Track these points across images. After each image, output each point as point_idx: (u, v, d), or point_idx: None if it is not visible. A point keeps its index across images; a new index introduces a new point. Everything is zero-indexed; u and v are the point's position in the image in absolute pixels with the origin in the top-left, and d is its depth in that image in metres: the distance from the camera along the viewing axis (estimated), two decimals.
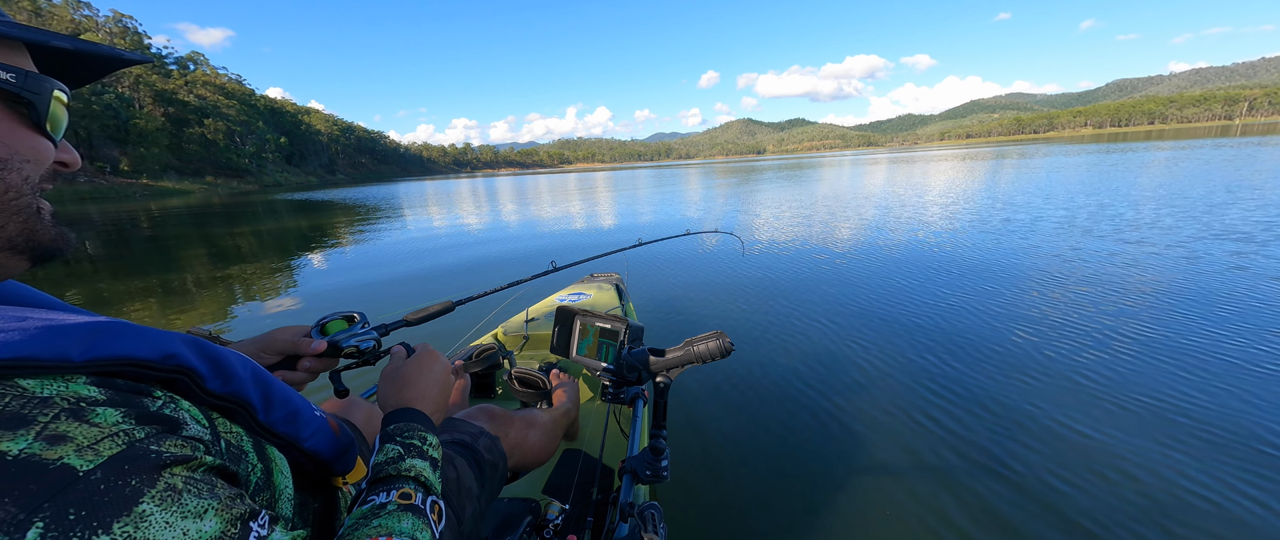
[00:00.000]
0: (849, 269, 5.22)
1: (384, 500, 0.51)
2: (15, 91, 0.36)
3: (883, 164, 35.84)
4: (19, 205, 0.37)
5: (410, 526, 0.49)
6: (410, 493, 0.53)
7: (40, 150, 0.39)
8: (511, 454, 1.00)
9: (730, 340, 0.91)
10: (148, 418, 0.34)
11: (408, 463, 0.57)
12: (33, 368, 0.30)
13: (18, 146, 0.37)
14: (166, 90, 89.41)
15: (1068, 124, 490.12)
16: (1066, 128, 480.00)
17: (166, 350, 0.38)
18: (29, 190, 0.38)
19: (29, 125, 0.38)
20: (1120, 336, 3.10)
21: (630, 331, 1.06)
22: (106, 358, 0.34)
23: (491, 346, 1.83)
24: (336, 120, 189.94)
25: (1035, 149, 46.92)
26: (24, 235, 0.39)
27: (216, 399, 0.42)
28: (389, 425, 0.62)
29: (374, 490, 0.53)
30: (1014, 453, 2.05)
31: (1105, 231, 6.28)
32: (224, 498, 0.34)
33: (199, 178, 79.25)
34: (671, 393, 0.99)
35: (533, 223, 11.96)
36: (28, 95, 0.37)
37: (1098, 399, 2.42)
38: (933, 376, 2.73)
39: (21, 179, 0.37)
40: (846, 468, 2.04)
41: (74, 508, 0.26)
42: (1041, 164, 21.31)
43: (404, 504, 0.51)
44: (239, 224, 15.51)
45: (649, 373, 1.00)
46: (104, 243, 11.76)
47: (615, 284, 2.92)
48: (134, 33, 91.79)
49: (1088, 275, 4.45)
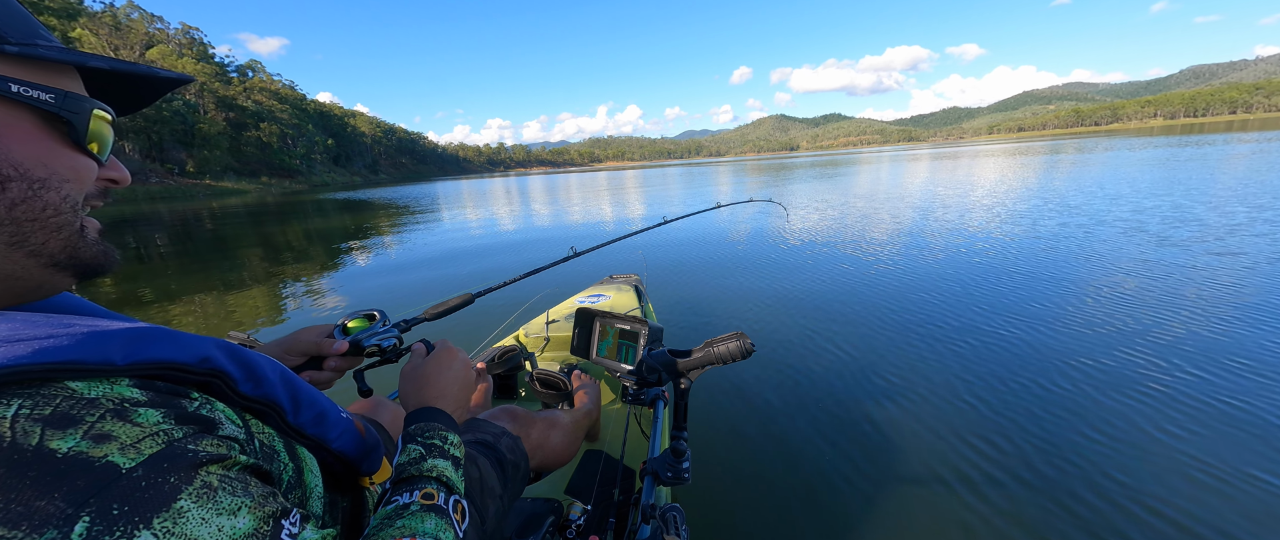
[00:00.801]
0: (881, 274, 5.02)
1: (407, 501, 0.52)
2: (54, 111, 0.38)
3: (924, 160, 34.36)
4: (59, 223, 0.39)
5: (433, 526, 0.50)
6: (433, 493, 0.54)
7: (81, 169, 0.41)
8: (534, 455, 1.02)
9: (751, 342, 0.91)
10: (186, 418, 0.35)
11: (429, 463, 0.58)
12: (80, 371, 0.32)
13: (57, 166, 0.39)
14: (227, 96, 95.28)
15: (1134, 115, 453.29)
16: (1133, 119, 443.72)
17: (201, 354, 0.40)
18: (69, 208, 0.39)
19: (69, 144, 0.39)
20: (1215, 384, 2.42)
21: (650, 333, 1.07)
22: (147, 361, 0.36)
23: (513, 348, 1.85)
24: (379, 122, 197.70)
25: (1096, 142, 42.63)
26: (66, 253, 0.40)
27: (248, 401, 0.44)
28: (410, 425, 0.64)
29: (397, 491, 0.55)
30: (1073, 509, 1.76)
31: (1184, 239, 5.34)
32: (257, 496, 0.36)
33: (255, 178, 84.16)
34: (692, 394, 0.99)
35: (560, 217, 12.12)
36: (66, 115, 0.38)
37: (1183, 468, 1.90)
38: (966, 396, 2.59)
39: (61, 198, 0.39)
40: (874, 478, 1.98)
41: (117, 503, 0.28)
42: (1103, 159, 19.62)
43: (427, 504, 0.52)
44: (290, 222, 16.40)
45: (669, 374, 1.01)
46: (173, 240, 12.68)
47: (635, 285, 2.92)
48: (200, 43, 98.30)
49: (1165, 294, 3.71)
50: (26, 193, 0.36)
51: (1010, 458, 2.03)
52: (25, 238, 0.37)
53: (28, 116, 0.37)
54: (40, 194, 0.37)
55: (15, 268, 0.37)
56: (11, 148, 0.36)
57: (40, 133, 0.38)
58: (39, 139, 0.38)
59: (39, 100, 0.37)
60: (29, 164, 0.37)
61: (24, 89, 0.36)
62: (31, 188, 0.37)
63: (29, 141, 0.37)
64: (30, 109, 0.37)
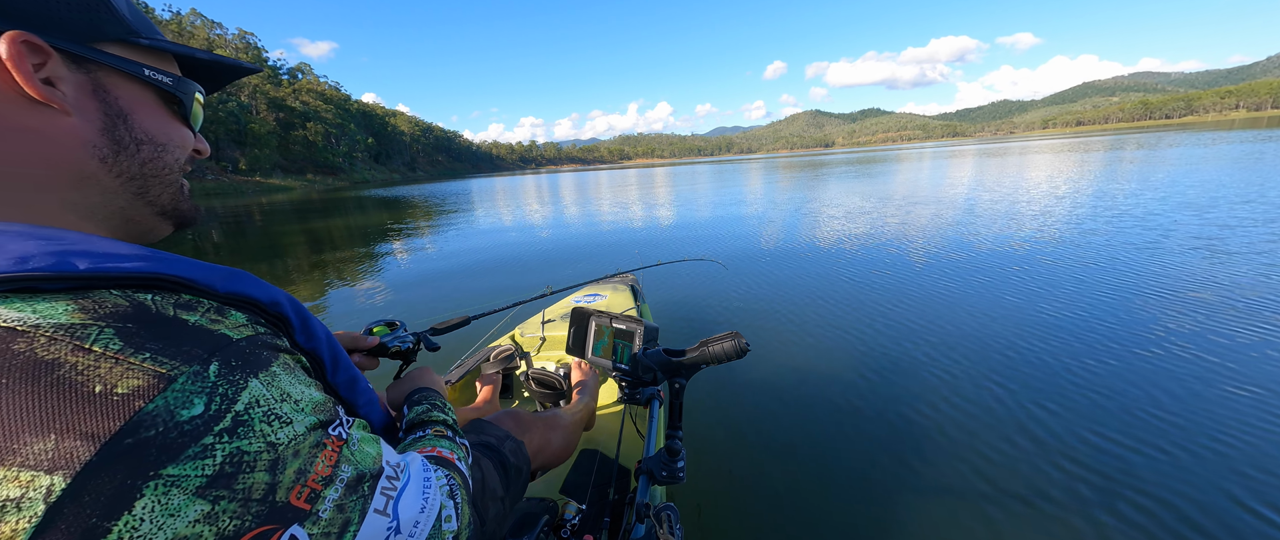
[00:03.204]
0: (883, 275, 4.82)
1: (422, 434, 0.65)
2: (171, 91, 0.48)
3: (968, 156, 32.87)
4: (170, 180, 0.50)
5: (449, 446, 0.63)
6: (442, 431, 0.67)
7: (186, 139, 0.51)
8: (535, 457, 1.03)
9: (746, 341, 0.89)
10: (262, 325, 0.45)
11: (435, 414, 0.70)
12: (191, 287, 0.40)
13: (172, 135, 0.49)
14: (278, 97, 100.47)
15: (1212, 106, 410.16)
16: (1209, 111, 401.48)
17: (274, 298, 0.48)
18: (177, 169, 0.50)
19: (178, 118, 0.50)
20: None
21: (646, 332, 1.06)
22: (237, 293, 0.44)
23: (509, 348, 1.87)
24: (418, 121, 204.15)
25: (1176, 137, 37.33)
26: (172, 204, 0.51)
27: (299, 350, 0.50)
28: (413, 396, 0.76)
29: (411, 431, 0.67)
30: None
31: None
32: (317, 384, 0.46)
33: (300, 175, 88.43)
34: (688, 394, 0.98)
35: (590, 221, 12.21)
36: (180, 94, 0.49)
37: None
38: (968, 401, 2.48)
39: (174, 160, 0.50)
40: (869, 479, 1.95)
41: (234, 358, 0.36)
42: (1181, 155, 17.17)
43: (439, 435, 0.65)
44: (332, 217, 17.17)
45: (665, 373, 1.00)
46: (226, 233, 13.49)
47: (630, 285, 2.91)
48: (254, 48, 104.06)
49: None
50: (153, 154, 0.47)
51: (1021, 467, 1.93)
52: (148, 190, 0.47)
53: (153, 95, 0.47)
54: (161, 156, 0.48)
55: (138, 213, 0.48)
56: (143, 119, 0.46)
57: (160, 108, 0.48)
58: (160, 113, 0.48)
59: (161, 82, 0.47)
60: (155, 132, 0.47)
61: (153, 73, 0.46)
62: (156, 150, 0.47)
63: (155, 115, 0.47)
64: (154, 89, 0.47)
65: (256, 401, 0.35)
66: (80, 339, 0.30)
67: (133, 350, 0.31)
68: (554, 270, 6.13)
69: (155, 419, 0.30)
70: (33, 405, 0.27)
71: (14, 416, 0.27)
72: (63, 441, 0.27)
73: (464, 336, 2.05)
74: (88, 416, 0.28)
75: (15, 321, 0.29)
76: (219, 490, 0.31)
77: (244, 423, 0.34)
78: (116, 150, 0.44)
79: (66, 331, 0.30)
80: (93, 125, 0.42)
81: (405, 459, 0.49)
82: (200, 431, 0.31)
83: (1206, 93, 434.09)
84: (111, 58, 0.43)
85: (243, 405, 0.34)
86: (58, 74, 0.39)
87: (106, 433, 0.28)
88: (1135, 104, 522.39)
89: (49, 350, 0.29)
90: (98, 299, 0.33)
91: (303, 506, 0.35)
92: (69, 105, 0.40)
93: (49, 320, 0.30)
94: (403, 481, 0.46)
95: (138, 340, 0.32)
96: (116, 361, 0.30)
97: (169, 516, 0.28)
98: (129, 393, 0.30)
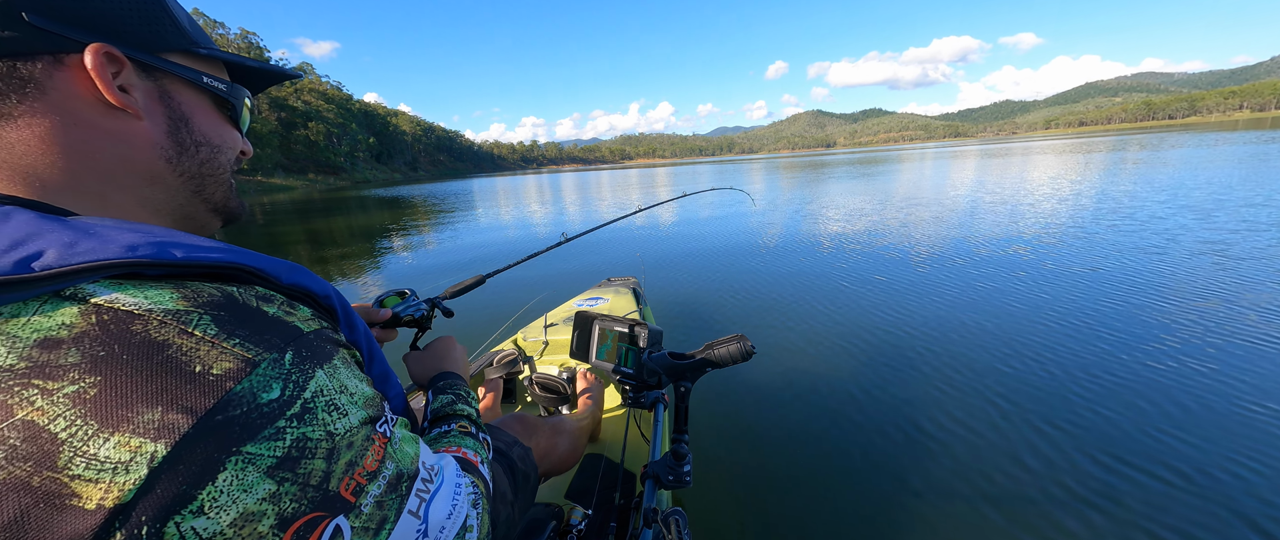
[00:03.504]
0: (889, 277, 4.80)
1: (448, 429, 0.66)
2: (225, 96, 0.51)
3: (971, 157, 32.79)
4: (223, 178, 0.53)
5: (473, 446, 0.63)
6: (467, 425, 0.68)
7: (236, 141, 0.55)
8: (541, 462, 1.02)
9: (752, 344, 0.88)
10: (324, 319, 0.47)
11: (460, 406, 0.72)
12: (263, 278, 0.43)
13: (226, 137, 0.52)
14: (280, 97, 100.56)
15: (1216, 107, 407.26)
16: (1213, 112, 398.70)
17: (326, 291, 0.50)
18: (228, 169, 0.54)
19: (230, 122, 0.54)
20: None
21: (650, 335, 1.06)
22: (297, 284, 0.47)
23: (512, 353, 1.86)
24: (420, 121, 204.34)
25: (1180, 138, 36.79)
26: (223, 202, 0.54)
27: (341, 342, 0.53)
28: (438, 382, 0.78)
29: (437, 424, 0.68)
30: None
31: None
32: (368, 379, 0.48)
33: (302, 175, 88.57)
34: (693, 397, 0.97)
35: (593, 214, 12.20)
36: (232, 99, 0.52)
37: None
38: (988, 409, 2.47)
39: (227, 161, 0.53)
40: (877, 484, 1.93)
41: (305, 349, 0.39)
42: (1184, 156, 17.26)
43: (464, 431, 0.66)
44: (334, 216, 17.18)
45: (669, 377, 0.99)
46: (227, 235, 13.49)
47: (633, 287, 2.91)
48: (257, 48, 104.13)
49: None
50: (209, 155, 0.50)
51: (1040, 477, 1.92)
52: (204, 187, 0.51)
53: (209, 100, 0.50)
54: (216, 156, 0.51)
55: (195, 210, 0.51)
56: (202, 122, 0.49)
57: (215, 112, 0.51)
58: (215, 117, 0.51)
59: (217, 89, 0.50)
60: (211, 134, 0.50)
61: (210, 80, 0.50)
62: (212, 151, 0.51)
63: (210, 118, 0.50)
64: (210, 94, 0.50)
65: (321, 391, 0.38)
66: (184, 323, 0.33)
67: (226, 335, 0.34)
68: (556, 268, 6.12)
69: (241, 399, 0.32)
70: (146, 380, 0.30)
71: (132, 389, 0.30)
72: (168, 414, 0.30)
73: (467, 341, 2.01)
74: (189, 392, 0.31)
75: (133, 306, 0.32)
76: (284, 472, 0.33)
77: (310, 410, 0.36)
78: (180, 151, 0.47)
79: (174, 316, 0.33)
80: (160, 128, 0.46)
81: (439, 462, 0.50)
82: (275, 414, 0.34)
83: (1210, 93, 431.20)
84: (175, 66, 0.46)
85: (310, 393, 0.37)
86: (131, 82, 0.43)
87: (203, 408, 0.31)
88: (1138, 104, 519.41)
89: (160, 332, 0.32)
90: (196, 288, 0.36)
91: (349, 498, 0.37)
92: (140, 110, 0.43)
93: (159, 306, 0.33)
94: (436, 485, 0.47)
95: (229, 326, 0.35)
96: (213, 345, 0.33)
97: (242, 491, 0.31)
98: (222, 374, 0.32)
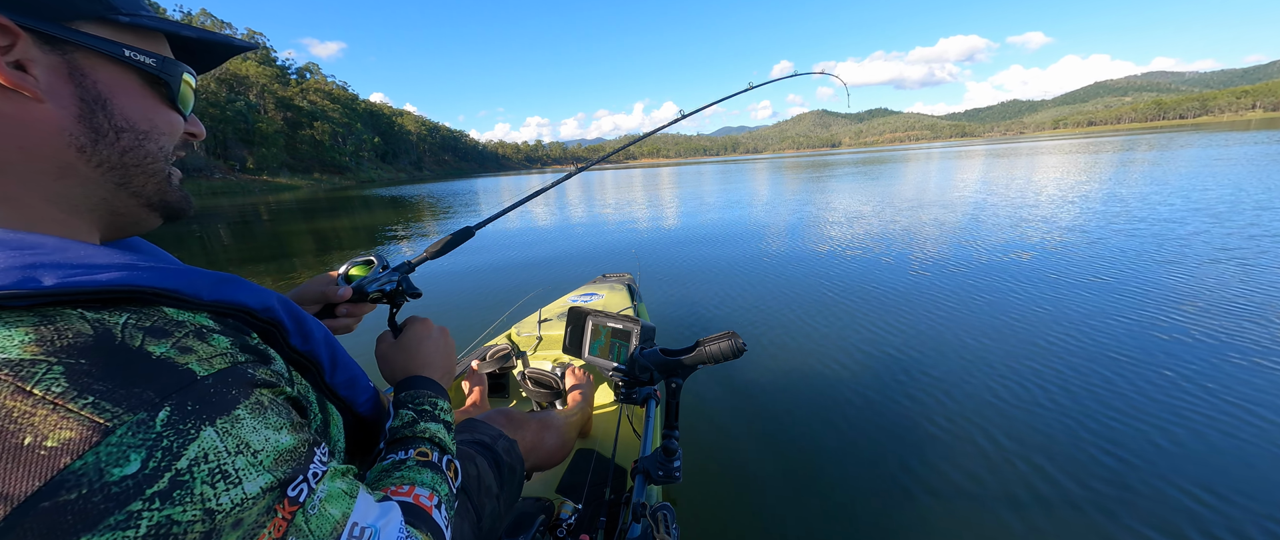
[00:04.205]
0: (882, 275, 4.79)
1: (402, 457, 0.57)
2: (155, 73, 0.44)
3: (977, 157, 32.56)
4: (155, 169, 0.46)
5: (429, 479, 0.55)
6: (427, 451, 0.58)
7: (173, 124, 0.48)
8: (528, 456, 1.03)
9: (742, 341, 0.89)
10: (248, 348, 0.42)
11: (422, 425, 0.61)
12: (175, 299, 0.38)
13: (157, 120, 0.45)
14: (286, 97, 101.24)
15: (1228, 107, 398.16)
16: (1225, 111, 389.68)
17: (266, 303, 0.46)
18: (163, 157, 0.47)
19: (164, 102, 0.46)
20: None
21: (642, 332, 1.06)
22: (226, 301, 0.42)
23: (505, 347, 1.86)
24: (425, 121, 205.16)
25: (1191, 138, 35.45)
26: (158, 195, 0.47)
27: (295, 354, 0.49)
28: (400, 393, 0.66)
29: (391, 450, 0.58)
30: None
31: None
32: (296, 421, 0.41)
33: (307, 175, 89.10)
34: (685, 394, 0.98)
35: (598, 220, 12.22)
36: (165, 77, 0.45)
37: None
38: (976, 403, 2.46)
39: (158, 148, 0.46)
40: (866, 480, 1.94)
41: (192, 401, 0.33)
42: (1197, 157, 16.23)
43: (422, 460, 0.57)
44: (339, 216, 17.28)
45: (661, 373, 1.00)
46: (234, 233, 13.61)
47: (627, 284, 2.93)
48: (263, 47, 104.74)
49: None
50: (134, 142, 0.43)
51: (1026, 474, 1.91)
52: (130, 180, 0.44)
53: (135, 78, 0.43)
54: (143, 144, 0.44)
55: (121, 205, 0.45)
56: (124, 104, 0.42)
57: (144, 92, 0.44)
58: (143, 97, 0.44)
59: (144, 64, 0.43)
60: (136, 118, 0.43)
61: (134, 54, 0.42)
62: (138, 138, 0.44)
63: (136, 99, 0.43)
64: (136, 71, 0.43)
65: (205, 456, 0.32)
66: (24, 379, 0.28)
67: (76, 393, 0.29)
68: (552, 264, 6.13)
69: (80, 479, 0.27)
70: None
71: None
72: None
73: (457, 336, 1.99)
74: (7, 473, 0.26)
75: None
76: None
77: (183, 484, 0.30)
78: (94, 138, 0.41)
79: (12, 369, 0.28)
80: (68, 112, 0.39)
81: (377, 521, 0.43)
82: (129, 495, 0.28)
83: (1222, 92, 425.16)
84: (88, 38, 0.39)
85: (187, 462, 0.31)
86: (29, 57, 0.36)
87: (22, 494, 0.26)
88: (1148, 104, 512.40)
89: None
90: (61, 326, 0.31)
91: None
92: (41, 91, 0.37)
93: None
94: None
95: (85, 380, 0.30)
96: (55, 407, 0.28)
97: None
98: (58, 446, 0.27)
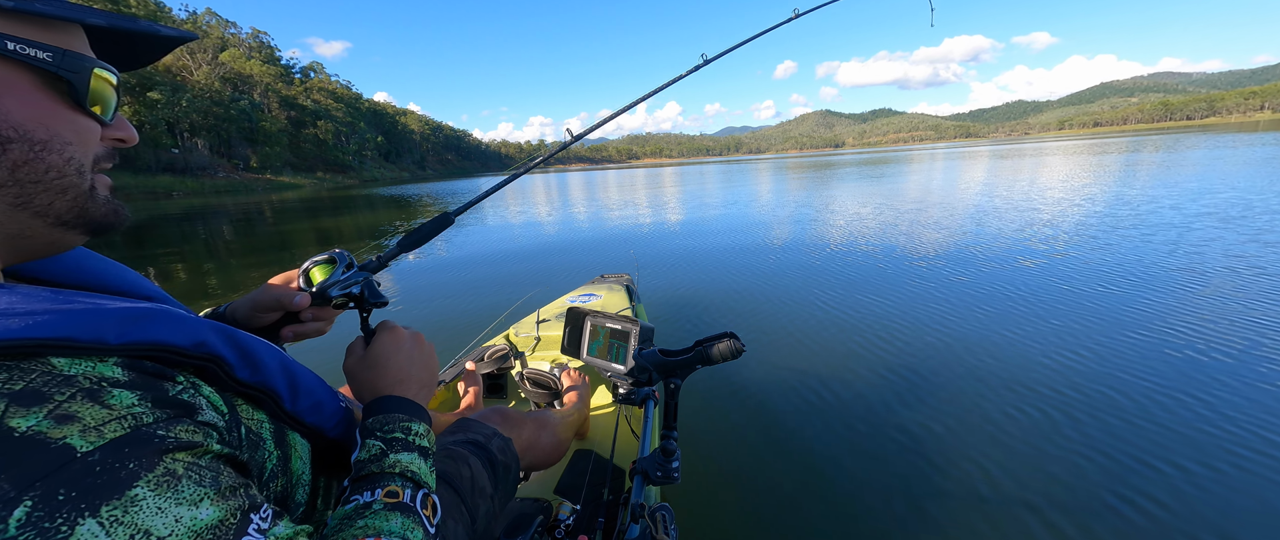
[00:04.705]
0: (880, 276, 4.79)
1: (368, 499, 0.48)
2: (52, 70, 0.36)
3: (982, 158, 32.43)
4: (63, 184, 0.38)
5: (399, 525, 0.46)
6: (397, 490, 0.49)
7: (83, 130, 0.40)
8: (524, 455, 1.03)
9: (742, 342, 0.89)
10: (163, 402, 0.35)
11: (392, 459, 0.53)
12: (68, 348, 0.32)
13: (58, 127, 0.38)
14: (289, 96, 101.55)
15: (1236, 107, 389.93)
16: (1233, 112, 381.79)
17: (197, 338, 0.39)
18: (74, 170, 0.39)
19: (70, 105, 0.38)
20: None
21: (641, 333, 1.06)
22: (140, 342, 0.35)
23: (503, 348, 1.86)
24: (428, 120, 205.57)
25: (1198, 139, 34.73)
26: (74, 212, 0.40)
27: (243, 386, 0.44)
28: (367, 419, 0.57)
29: (357, 489, 0.50)
30: None
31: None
32: (225, 487, 0.35)
33: (310, 174, 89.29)
34: (683, 395, 0.98)
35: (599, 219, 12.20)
36: (65, 74, 0.37)
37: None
38: (972, 405, 2.44)
39: (64, 160, 0.38)
40: (863, 481, 1.95)
41: (65, 488, 0.27)
42: (1204, 159, 16.13)
43: (391, 503, 0.48)
44: (342, 215, 17.33)
45: (660, 374, 0.99)
46: (237, 232, 13.67)
47: (626, 285, 2.94)
48: (267, 47, 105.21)
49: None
50: (28, 154, 0.36)
51: (1020, 479, 1.90)
52: (30, 199, 0.37)
53: (26, 76, 0.36)
54: (42, 156, 0.37)
55: (22, 227, 0.37)
56: (11, 108, 0.35)
57: (40, 93, 0.37)
58: (38, 99, 0.36)
59: (36, 59, 0.35)
60: (29, 125, 0.36)
61: (20, 47, 0.35)
62: (33, 149, 0.36)
63: (28, 102, 0.36)
64: (29, 68, 0.36)
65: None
66: None
67: None
68: (550, 264, 6.13)
69: None
70: None
71: None
72: None
73: (455, 337, 1.97)
74: None
75: None
76: None
77: None
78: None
79: None
80: None
81: None
82: None
83: (1230, 93, 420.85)
84: None
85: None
86: None
87: None
88: (1155, 105, 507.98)
89: None
90: None
91: None
92: None
93: None
94: None
95: None
96: None
97: None
98: None
